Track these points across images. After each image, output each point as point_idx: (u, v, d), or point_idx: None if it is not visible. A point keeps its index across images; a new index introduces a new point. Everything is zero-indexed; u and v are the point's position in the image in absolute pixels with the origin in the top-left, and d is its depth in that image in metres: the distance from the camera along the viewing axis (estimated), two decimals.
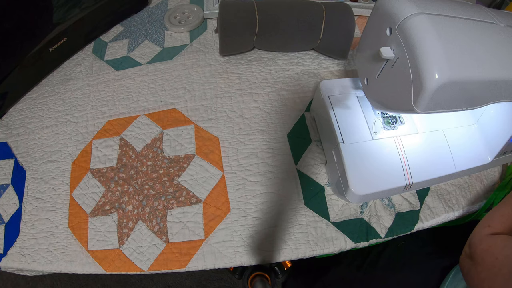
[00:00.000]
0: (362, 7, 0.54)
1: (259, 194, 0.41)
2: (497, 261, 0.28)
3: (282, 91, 0.47)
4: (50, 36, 0.48)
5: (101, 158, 0.44)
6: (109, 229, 0.40)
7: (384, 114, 0.38)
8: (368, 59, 0.33)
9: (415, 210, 0.41)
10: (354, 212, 0.40)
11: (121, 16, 0.57)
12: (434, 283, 0.44)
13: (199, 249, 0.38)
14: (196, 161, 0.43)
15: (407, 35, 0.26)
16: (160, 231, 0.40)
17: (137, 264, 0.39)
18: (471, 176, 0.44)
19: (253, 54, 0.50)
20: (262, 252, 0.38)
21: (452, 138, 0.38)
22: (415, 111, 0.27)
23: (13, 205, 0.43)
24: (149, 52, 0.52)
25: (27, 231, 0.41)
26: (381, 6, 0.29)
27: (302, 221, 0.39)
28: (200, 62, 0.50)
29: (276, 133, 0.44)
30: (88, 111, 0.48)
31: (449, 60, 0.25)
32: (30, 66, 0.48)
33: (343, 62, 0.50)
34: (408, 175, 0.36)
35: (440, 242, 0.49)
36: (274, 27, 0.45)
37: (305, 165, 0.42)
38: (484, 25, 0.28)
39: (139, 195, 0.41)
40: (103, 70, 0.51)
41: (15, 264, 0.40)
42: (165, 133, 0.45)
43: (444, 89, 0.25)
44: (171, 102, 0.47)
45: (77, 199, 0.42)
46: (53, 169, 0.44)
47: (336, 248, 0.39)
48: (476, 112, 0.39)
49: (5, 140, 0.48)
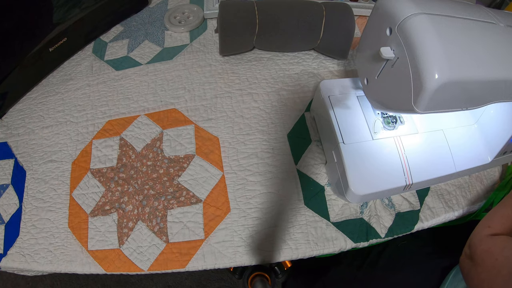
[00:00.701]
0: (362, 7, 0.54)
1: (259, 194, 0.41)
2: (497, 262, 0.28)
3: (282, 91, 0.47)
4: (50, 36, 0.48)
5: (101, 158, 0.44)
6: (109, 229, 0.40)
7: (384, 114, 0.38)
8: (368, 59, 0.33)
9: (415, 210, 0.41)
10: (354, 212, 0.40)
11: (121, 16, 0.57)
12: (434, 283, 0.44)
13: (199, 249, 0.38)
14: (196, 161, 0.43)
15: (407, 35, 0.26)
16: (160, 231, 0.40)
17: (137, 264, 0.39)
18: (471, 176, 0.44)
19: (253, 54, 0.50)
20: (262, 252, 0.38)
21: (452, 138, 0.38)
22: (415, 111, 0.27)
23: (13, 205, 0.43)
24: (149, 52, 0.52)
25: (27, 231, 0.41)
26: (381, 6, 0.29)
27: (302, 221, 0.39)
28: (200, 62, 0.50)
29: (276, 133, 0.44)
30: (88, 111, 0.48)
31: (449, 60, 0.25)
32: (30, 66, 0.48)
33: (343, 62, 0.50)
34: (408, 175, 0.36)
35: (440, 242, 0.49)
36: (274, 27, 0.45)
37: (305, 165, 0.42)
38: (484, 25, 0.28)
39: (139, 195, 0.41)
40: (103, 70, 0.51)
41: (15, 264, 0.40)
42: (165, 133, 0.45)
43: (444, 89, 0.25)
44: (171, 102, 0.47)
45: (77, 199, 0.42)
46: (53, 169, 0.44)
47: (336, 248, 0.39)
48: (476, 112, 0.39)
49: (5, 140, 0.48)
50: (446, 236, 0.50)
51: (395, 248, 0.50)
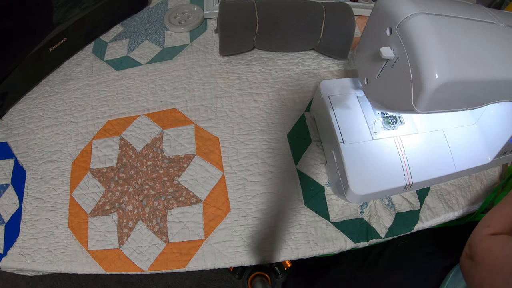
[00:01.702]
0: (362, 7, 0.54)
1: (259, 194, 0.41)
2: (498, 261, 0.28)
3: (282, 91, 0.47)
4: (50, 36, 0.48)
5: (101, 158, 0.44)
6: (109, 229, 0.40)
7: (384, 114, 0.38)
8: (368, 59, 0.33)
9: (415, 210, 0.41)
10: (354, 212, 0.40)
11: (121, 16, 0.57)
12: (434, 283, 0.44)
13: (199, 249, 0.38)
14: (196, 161, 0.43)
15: (407, 35, 0.26)
16: (160, 231, 0.40)
17: (137, 264, 0.39)
18: (471, 176, 0.44)
19: (253, 54, 0.50)
20: (262, 252, 0.38)
21: (452, 138, 0.38)
22: (415, 111, 0.27)
23: (13, 205, 0.43)
24: (149, 52, 0.52)
25: (27, 231, 0.41)
26: (381, 6, 0.29)
27: (302, 221, 0.39)
28: (200, 62, 0.50)
29: (276, 133, 0.44)
30: (88, 111, 0.48)
31: (449, 60, 0.25)
32: (30, 66, 0.48)
33: (343, 62, 0.50)
34: (408, 175, 0.36)
35: (440, 242, 0.49)
36: (274, 27, 0.45)
37: (305, 165, 0.42)
38: (484, 25, 0.28)
39: (139, 195, 0.41)
40: (103, 70, 0.51)
41: (15, 264, 0.40)
42: (165, 133, 0.45)
43: (444, 89, 0.25)
44: (171, 102, 0.47)
45: (77, 199, 0.42)
46: (53, 169, 0.44)
47: (336, 248, 0.39)
48: (476, 112, 0.39)
49: (5, 140, 0.48)
50: (446, 236, 0.50)
51: (395, 248, 0.50)
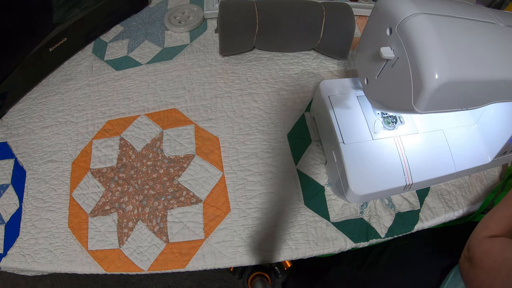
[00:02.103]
0: (362, 7, 0.54)
1: (259, 194, 0.41)
2: (496, 263, 0.28)
3: (282, 91, 0.47)
4: (50, 36, 0.48)
5: (101, 158, 0.44)
6: (109, 229, 0.40)
7: (384, 114, 0.38)
8: (368, 59, 0.33)
9: (415, 210, 0.41)
10: (354, 212, 0.40)
11: (121, 16, 0.57)
12: (434, 283, 0.44)
13: (199, 249, 0.38)
14: (196, 161, 0.43)
15: (407, 35, 0.26)
16: (160, 231, 0.40)
17: (137, 264, 0.39)
18: (471, 176, 0.44)
19: (253, 54, 0.50)
20: (262, 252, 0.38)
21: (452, 138, 0.38)
22: (415, 111, 0.27)
23: (13, 205, 0.43)
24: (149, 52, 0.52)
25: (27, 231, 0.41)
26: (381, 6, 0.29)
27: (302, 221, 0.39)
28: (200, 62, 0.50)
29: (276, 133, 0.44)
30: (88, 111, 0.48)
31: (449, 60, 0.25)
32: (30, 66, 0.48)
33: (343, 62, 0.50)
34: (408, 175, 0.36)
35: (440, 242, 0.49)
36: (274, 27, 0.45)
37: (305, 165, 0.42)
38: (484, 25, 0.28)
39: (139, 195, 0.41)
40: (103, 70, 0.51)
41: (15, 264, 0.40)
42: (165, 133, 0.45)
43: (444, 89, 0.25)
44: (171, 102, 0.47)
45: (77, 199, 0.42)
46: (53, 169, 0.44)
47: (336, 248, 0.39)
48: (476, 112, 0.39)
49: (5, 140, 0.48)
50: (446, 236, 0.50)
51: (395, 248, 0.50)
